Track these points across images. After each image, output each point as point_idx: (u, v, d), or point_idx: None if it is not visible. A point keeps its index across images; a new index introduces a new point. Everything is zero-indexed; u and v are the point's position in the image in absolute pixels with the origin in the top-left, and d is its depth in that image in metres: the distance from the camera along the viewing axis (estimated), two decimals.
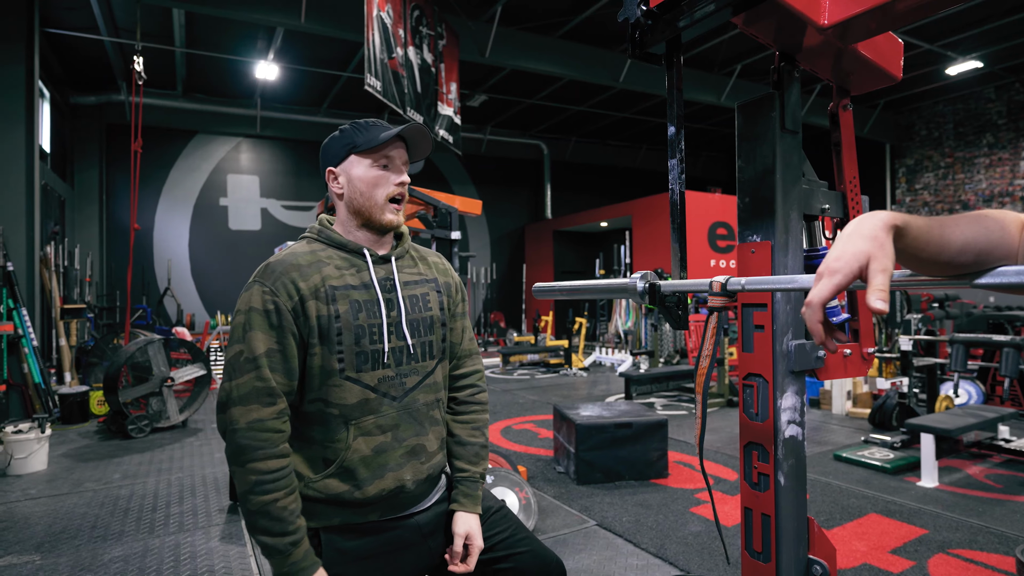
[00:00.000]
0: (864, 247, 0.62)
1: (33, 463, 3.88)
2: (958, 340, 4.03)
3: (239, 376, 1.06)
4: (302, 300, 1.09)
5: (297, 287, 1.10)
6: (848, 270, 0.62)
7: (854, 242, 0.63)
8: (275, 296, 1.08)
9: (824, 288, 0.63)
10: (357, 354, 1.12)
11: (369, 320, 1.14)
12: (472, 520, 1.22)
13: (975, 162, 12.07)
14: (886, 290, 0.60)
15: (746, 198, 1.36)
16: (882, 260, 0.61)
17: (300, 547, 1.05)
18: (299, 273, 1.11)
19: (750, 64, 10.56)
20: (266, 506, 1.03)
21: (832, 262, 0.63)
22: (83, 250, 9.25)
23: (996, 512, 3.01)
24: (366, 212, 1.17)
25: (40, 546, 2.73)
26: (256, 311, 1.08)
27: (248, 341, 1.07)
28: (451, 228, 3.27)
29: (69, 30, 8.10)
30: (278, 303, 1.08)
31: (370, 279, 1.17)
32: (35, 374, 5.23)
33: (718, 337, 0.97)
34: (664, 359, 7.87)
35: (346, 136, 1.18)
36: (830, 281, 0.63)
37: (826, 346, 0.71)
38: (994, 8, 8.50)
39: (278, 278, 1.10)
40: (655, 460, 3.60)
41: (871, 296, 0.59)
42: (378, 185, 1.16)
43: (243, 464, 1.04)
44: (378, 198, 1.17)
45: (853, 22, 1.19)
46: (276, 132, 12.25)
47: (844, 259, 0.62)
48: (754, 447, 1.35)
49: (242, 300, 1.11)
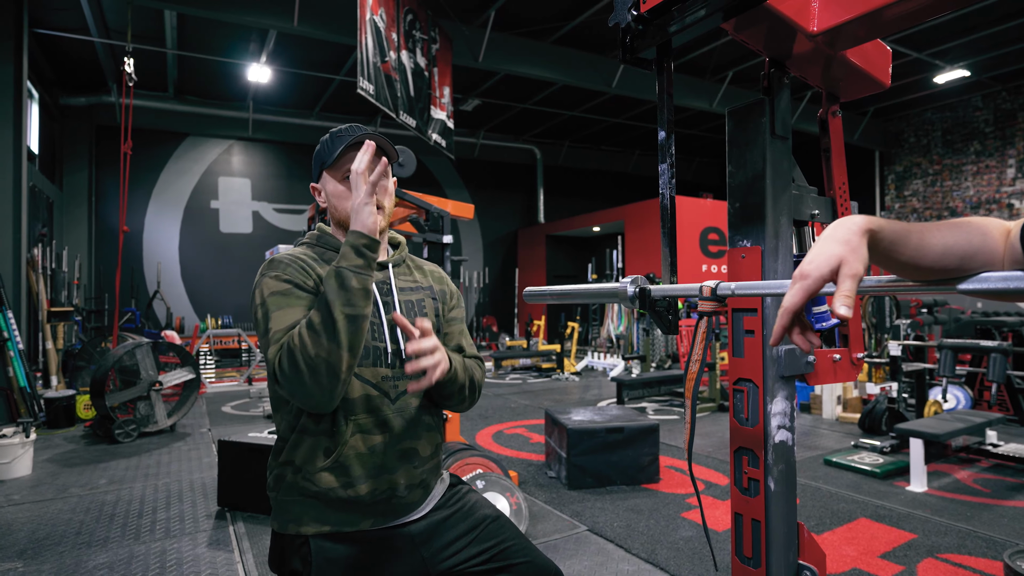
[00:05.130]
0: (836, 251, 0.62)
1: (17, 468, 3.82)
2: (947, 346, 4.07)
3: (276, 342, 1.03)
4: (317, 284, 1.11)
5: (306, 270, 1.12)
6: (819, 274, 0.62)
7: (828, 246, 0.63)
8: (289, 276, 1.09)
9: (796, 294, 0.63)
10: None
11: (371, 318, 1.15)
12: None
13: (963, 169, 12.22)
14: (851, 296, 0.60)
15: (736, 203, 1.36)
16: (853, 265, 0.61)
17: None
18: (305, 263, 1.13)
19: (742, 71, 10.65)
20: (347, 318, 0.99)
21: (805, 266, 0.63)
22: (71, 252, 9.16)
23: (984, 516, 3.03)
24: (345, 223, 1.19)
25: (23, 553, 2.68)
26: (274, 294, 1.07)
27: (275, 321, 1.04)
28: (443, 232, 3.26)
29: (58, 31, 8.04)
30: (292, 279, 1.09)
31: None
32: (20, 377, 5.16)
33: (707, 342, 0.97)
34: (656, 364, 7.88)
35: (320, 153, 1.21)
36: (802, 286, 0.63)
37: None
38: (981, 18, 8.63)
39: (288, 265, 1.12)
40: (646, 465, 3.60)
41: (836, 301, 0.59)
42: (346, 198, 1.17)
43: (337, 347, 0.98)
44: (349, 210, 1.17)
45: (842, 29, 1.20)
46: (268, 135, 12.20)
47: (816, 263, 0.62)
48: (744, 452, 1.35)
49: (254, 298, 1.11)
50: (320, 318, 0.99)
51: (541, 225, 14.49)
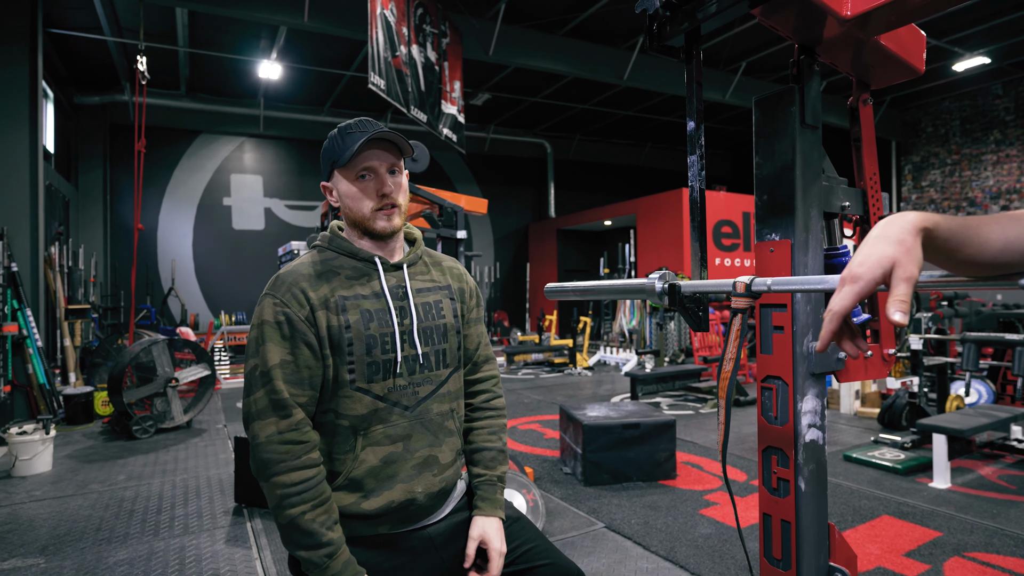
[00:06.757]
0: (889, 252, 0.58)
1: (38, 464, 3.87)
2: (970, 339, 3.98)
3: (255, 391, 1.06)
4: (312, 310, 1.09)
5: (307, 296, 1.09)
6: (871, 276, 0.59)
7: (880, 246, 0.59)
8: (286, 307, 1.08)
9: (846, 297, 0.60)
10: (368, 364, 1.10)
11: (381, 329, 1.12)
12: (489, 524, 1.19)
13: (982, 159, 11.98)
14: (907, 300, 0.56)
15: (764, 195, 1.32)
16: (907, 267, 0.57)
17: (337, 559, 1.02)
18: (309, 283, 1.10)
19: (755, 61, 10.49)
20: (295, 520, 1.02)
21: (856, 267, 0.60)
22: (87, 250, 9.25)
23: (1011, 514, 2.96)
24: (361, 224, 1.16)
25: (45, 549, 2.71)
26: (268, 324, 1.08)
27: (262, 355, 1.07)
28: (457, 227, 3.23)
29: (72, 30, 8.09)
30: (289, 313, 1.08)
31: (381, 288, 1.15)
32: (39, 375, 5.22)
33: (741, 339, 0.94)
34: (669, 358, 7.82)
35: (330, 150, 1.16)
36: (852, 289, 0.60)
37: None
38: (1002, 3, 8.42)
39: (288, 288, 1.09)
40: (663, 461, 3.56)
41: (890, 307, 0.56)
42: (361, 198, 1.14)
43: (267, 479, 1.04)
44: (364, 210, 1.15)
45: (876, 13, 1.15)
46: (280, 132, 12.23)
47: (868, 264, 0.59)
48: (773, 451, 1.32)
49: (255, 314, 1.11)
50: (282, 518, 1.03)
51: (552, 219, 14.43)
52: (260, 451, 1.04)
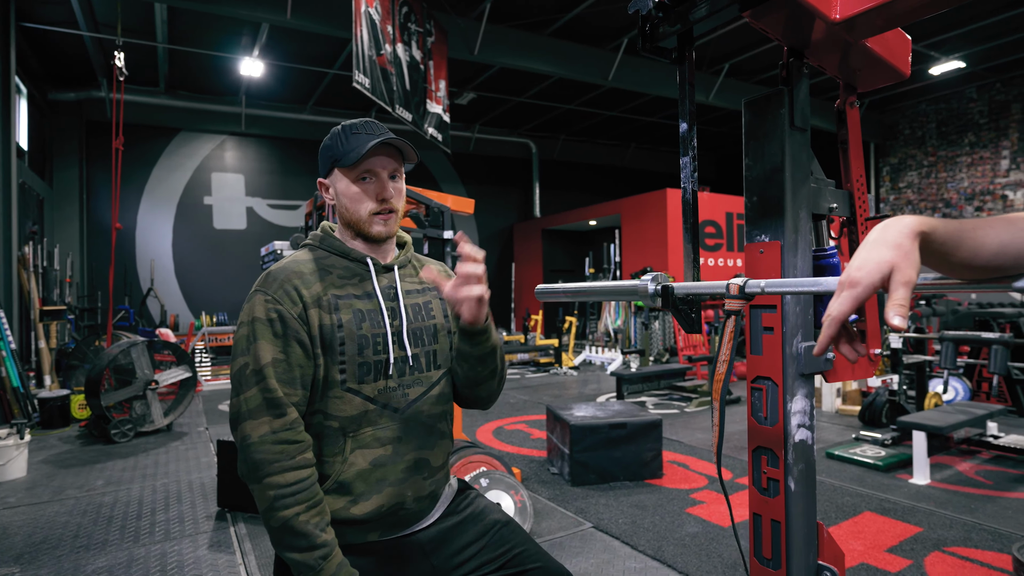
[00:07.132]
0: (887, 256, 0.58)
1: (12, 470, 3.76)
2: (948, 338, 4.06)
3: (247, 389, 1.03)
4: (305, 307, 1.07)
5: (300, 294, 1.07)
6: (870, 281, 0.59)
7: (878, 250, 0.59)
8: (278, 304, 1.06)
9: (845, 302, 0.60)
10: (359, 365, 1.09)
11: (373, 330, 1.11)
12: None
13: (957, 161, 12.25)
14: (906, 305, 0.57)
15: (754, 197, 1.32)
16: (906, 271, 0.57)
17: (332, 560, 1.00)
18: (301, 280, 1.09)
19: (738, 63, 10.60)
20: (288, 521, 0.99)
21: (854, 272, 0.60)
22: (63, 250, 9.04)
23: (988, 509, 3.02)
24: (355, 225, 1.15)
25: (20, 557, 2.63)
26: (260, 321, 1.05)
27: (253, 352, 1.04)
28: (444, 227, 3.21)
29: (47, 24, 7.90)
30: (281, 311, 1.05)
31: (373, 288, 1.14)
32: (13, 378, 5.08)
33: (735, 341, 0.94)
34: (654, 358, 7.88)
35: (331, 148, 1.15)
36: (851, 294, 0.60)
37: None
38: (978, 9, 8.61)
39: (280, 285, 1.07)
40: (649, 460, 3.58)
41: (889, 311, 0.56)
42: (360, 201, 1.13)
43: (259, 480, 1.00)
44: (362, 213, 1.14)
45: (864, 16, 1.16)
46: (262, 130, 12.07)
47: (866, 269, 0.59)
48: (763, 452, 1.32)
49: (244, 311, 1.08)
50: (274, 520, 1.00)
51: (537, 219, 14.45)
52: (252, 451, 1.00)
